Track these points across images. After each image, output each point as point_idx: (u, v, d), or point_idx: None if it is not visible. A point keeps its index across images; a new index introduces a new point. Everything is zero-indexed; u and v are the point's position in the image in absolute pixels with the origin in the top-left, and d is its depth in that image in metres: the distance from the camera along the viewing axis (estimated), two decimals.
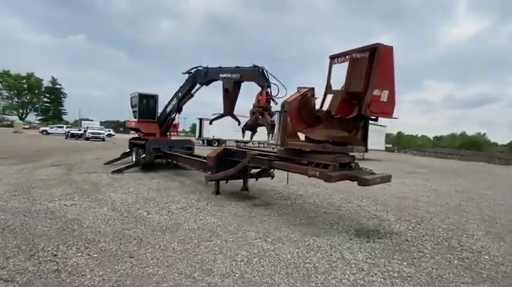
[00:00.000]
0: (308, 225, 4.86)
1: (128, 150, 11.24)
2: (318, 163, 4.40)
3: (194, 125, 57.77)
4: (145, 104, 10.58)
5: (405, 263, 3.53)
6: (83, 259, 3.13)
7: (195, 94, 9.34)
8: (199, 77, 8.38)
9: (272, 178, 7.12)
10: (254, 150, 6.42)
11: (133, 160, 10.31)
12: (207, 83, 8.32)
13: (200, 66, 8.34)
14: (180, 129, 18.43)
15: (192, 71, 8.62)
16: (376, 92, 4.28)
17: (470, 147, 53.76)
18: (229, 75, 7.06)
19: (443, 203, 7.33)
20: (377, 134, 23.58)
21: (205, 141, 26.14)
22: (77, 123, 55.51)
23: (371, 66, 4.29)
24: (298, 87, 5.37)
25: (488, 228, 5.34)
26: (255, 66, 6.30)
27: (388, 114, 4.53)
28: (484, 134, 67.44)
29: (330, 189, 8.01)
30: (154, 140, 9.94)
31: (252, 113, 5.95)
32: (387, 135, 34.36)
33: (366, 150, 5.05)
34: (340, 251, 3.80)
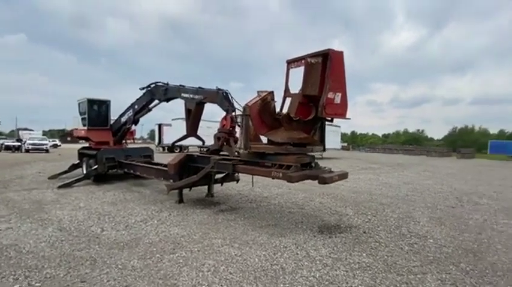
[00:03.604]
0: (274, 226, 4.92)
1: (77, 161, 10.24)
2: (281, 165, 4.49)
3: (153, 131, 55.04)
4: (95, 110, 9.74)
5: (364, 254, 3.77)
6: None
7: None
8: (158, 93, 7.92)
9: (237, 182, 7.09)
10: (218, 155, 6.31)
11: (84, 172, 9.40)
12: (167, 100, 7.92)
13: (159, 82, 7.88)
14: (137, 136, 17.34)
15: (151, 86, 8.13)
16: (330, 95, 4.52)
17: (412, 142, 59.97)
18: (191, 96, 6.82)
19: (394, 195, 8.03)
20: (333, 134, 25.06)
21: (166, 148, 25.04)
22: (13, 134, 48.87)
23: (325, 70, 4.52)
24: (258, 91, 5.44)
25: (431, 214, 5.98)
26: (218, 89, 6.21)
27: (342, 115, 4.82)
28: (423, 131, 75.80)
29: (293, 189, 8.24)
30: (107, 149, 9.21)
31: (217, 138, 5.88)
32: (343, 135, 36.73)
33: (324, 149, 5.30)
34: (305, 249, 3.91)
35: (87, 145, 10.62)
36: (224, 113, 6.12)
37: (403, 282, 3.04)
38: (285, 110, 5.27)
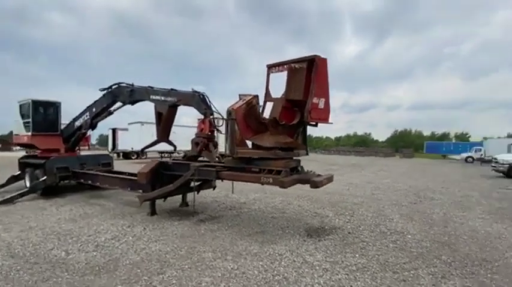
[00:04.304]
0: (262, 233, 4.78)
1: (18, 172, 8.76)
2: (270, 170, 4.40)
3: (103, 137, 50.31)
4: (42, 113, 8.47)
5: (357, 255, 3.86)
6: None
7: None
8: (122, 95, 7.16)
9: (214, 189, 6.79)
10: (196, 161, 5.95)
11: (28, 184, 8.07)
12: (132, 103, 7.23)
13: (123, 83, 7.15)
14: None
15: (113, 87, 7.33)
16: (315, 100, 4.59)
17: (361, 144, 65.54)
18: (163, 98, 6.30)
19: (361, 194, 8.54)
20: None
21: (121, 154, 23.00)
22: None
23: (309, 76, 4.58)
24: (240, 95, 5.29)
25: (400, 211, 6.48)
26: (194, 91, 5.86)
27: (326, 120, 4.92)
28: (370, 134, 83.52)
29: (269, 193, 8.21)
30: (58, 158, 8.05)
31: (196, 143, 5.52)
32: None
33: (307, 153, 5.37)
34: (301, 255, 3.85)
35: (27, 152, 9.18)
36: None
37: (401, 280, 3.18)
38: (265, 115, 5.22)
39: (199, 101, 5.77)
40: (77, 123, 8.33)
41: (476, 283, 3.12)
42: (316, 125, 5.09)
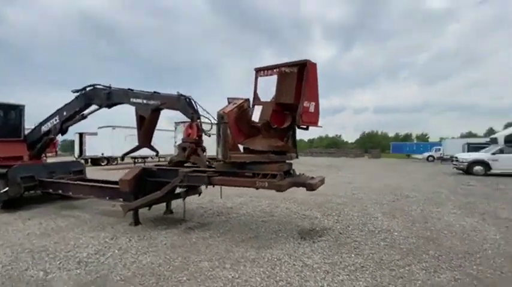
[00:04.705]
0: (256, 238, 4.72)
1: None
2: (265, 174, 4.37)
3: (65, 142, 46.69)
4: (2, 117, 7.65)
5: (353, 255, 3.96)
6: None
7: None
8: (99, 98, 6.66)
9: (199, 195, 6.58)
10: (183, 166, 5.73)
11: None
12: (110, 106, 6.77)
13: (98, 84, 6.67)
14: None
15: (86, 89, 6.81)
16: (306, 104, 4.67)
17: (333, 146, 68.25)
18: (145, 101, 5.97)
19: (343, 194, 8.83)
20: None
21: (89, 160, 21.42)
22: None
23: (300, 80, 4.65)
24: (228, 98, 5.21)
25: (381, 209, 6.79)
26: (180, 95, 5.65)
27: (315, 123, 5.03)
28: (340, 136, 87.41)
29: (254, 196, 8.16)
30: (22, 166, 7.28)
31: (183, 148, 5.32)
32: None
33: (297, 156, 5.42)
34: (299, 258, 3.86)
35: None
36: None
37: (398, 277, 3.31)
38: (254, 118, 5.20)
39: (185, 104, 5.57)
40: (44, 128, 7.62)
41: (465, 274, 3.35)
42: (307, 129, 5.16)
